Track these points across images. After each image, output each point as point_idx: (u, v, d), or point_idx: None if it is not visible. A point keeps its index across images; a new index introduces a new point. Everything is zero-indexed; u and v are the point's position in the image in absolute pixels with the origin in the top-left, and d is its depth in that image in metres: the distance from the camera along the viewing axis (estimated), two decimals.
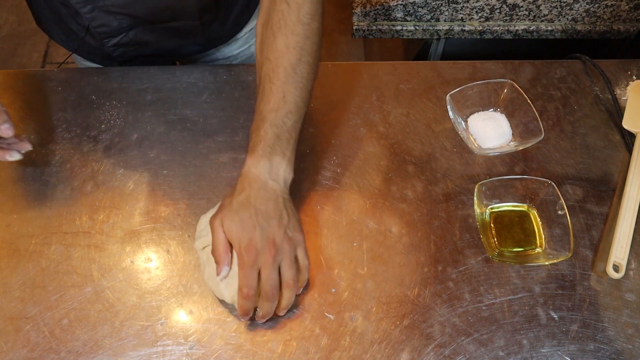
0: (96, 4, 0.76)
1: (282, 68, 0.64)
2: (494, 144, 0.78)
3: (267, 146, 0.63)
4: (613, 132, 0.81)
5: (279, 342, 0.63)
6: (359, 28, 1.05)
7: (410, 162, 0.77)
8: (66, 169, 0.75)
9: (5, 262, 0.67)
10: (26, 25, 2.24)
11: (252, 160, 0.63)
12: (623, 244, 0.68)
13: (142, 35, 0.85)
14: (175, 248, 0.69)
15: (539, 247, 0.70)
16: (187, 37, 0.88)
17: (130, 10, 0.78)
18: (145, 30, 0.84)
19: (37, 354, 0.61)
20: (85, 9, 0.77)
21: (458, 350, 0.63)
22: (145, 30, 0.84)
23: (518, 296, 0.66)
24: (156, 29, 0.84)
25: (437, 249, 0.69)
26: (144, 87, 0.83)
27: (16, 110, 0.81)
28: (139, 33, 0.84)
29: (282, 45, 0.65)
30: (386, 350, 0.62)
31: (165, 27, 0.84)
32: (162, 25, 0.84)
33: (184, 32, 0.87)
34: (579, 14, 1.04)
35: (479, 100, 0.81)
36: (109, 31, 0.82)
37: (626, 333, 0.64)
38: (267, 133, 0.63)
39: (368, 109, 0.82)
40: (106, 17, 0.79)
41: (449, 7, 1.02)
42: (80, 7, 0.76)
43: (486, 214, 0.72)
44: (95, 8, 0.77)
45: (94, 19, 0.79)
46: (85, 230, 0.70)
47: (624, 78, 0.87)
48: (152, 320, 0.64)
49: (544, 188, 0.71)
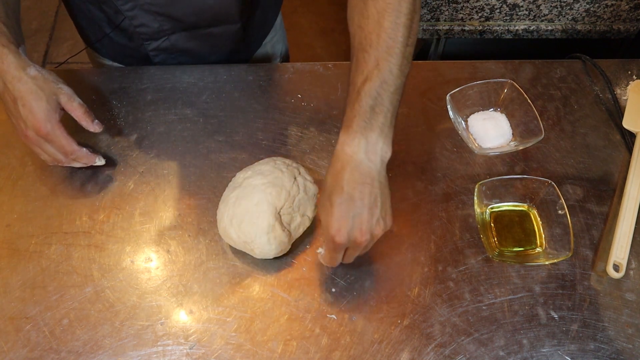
0: (137, 2, 0.77)
1: (374, 34, 0.59)
2: (494, 143, 0.78)
3: (362, 121, 0.57)
4: (613, 132, 0.81)
5: (279, 342, 0.63)
6: None
7: (410, 161, 0.77)
8: (66, 169, 0.75)
9: (6, 262, 0.67)
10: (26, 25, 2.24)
11: (346, 137, 0.58)
12: (623, 244, 0.68)
13: (184, 42, 0.85)
14: (175, 248, 0.69)
15: (539, 246, 0.70)
16: (229, 44, 0.88)
17: (170, 11, 0.79)
18: (187, 37, 0.85)
19: (37, 354, 0.61)
20: (126, 7, 0.78)
21: (458, 349, 0.63)
22: (187, 37, 0.85)
23: (518, 296, 0.66)
24: (197, 35, 0.85)
25: (437, 249, 0.69)
26: (144, 87, 0.83)
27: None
28: (181, 39, 0.85)
29: (372, 10, 0.59)
30: (386, 350, 0.62)
31: (207, 33, 0.85)
32: (203, 32, 0.84)
33: (225, 39, 0.87)
34: (579, 13, 1.04)
35: (479, 100, 0.81)
36: (149, 32, 0.83)
37: (626, 333, 0.64)
38: (362, 106, 0.57)
39: None
40: (146, 17, 0.80)
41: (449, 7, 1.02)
42: (121, 5, 0.77)
43: (486, 214, 0.72)
44: (137, 6, 0.78)
45: (135, 18, 0.80)
46: (86, 230, 0.70)
47: (624, 78, 0.87)
48: (152, 320, 0.64)
49: (544, 188, 0.71)
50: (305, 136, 0.79)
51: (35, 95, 0.65)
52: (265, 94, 0.84)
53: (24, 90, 0.64)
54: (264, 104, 0.82)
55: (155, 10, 0.78)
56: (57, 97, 0.67)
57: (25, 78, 0.64)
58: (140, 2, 0.77)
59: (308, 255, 0.68)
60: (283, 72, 0.86)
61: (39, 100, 0.65)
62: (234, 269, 0.67)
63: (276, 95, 0.82)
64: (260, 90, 0.84)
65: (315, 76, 0.86)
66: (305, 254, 0.69)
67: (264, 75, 0.86)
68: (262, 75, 0.86)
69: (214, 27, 0.84)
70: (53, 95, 0.66)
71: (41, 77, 0.66)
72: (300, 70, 0.86)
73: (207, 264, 0.68)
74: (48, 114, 0.65)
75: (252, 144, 0.78)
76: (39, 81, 0.65)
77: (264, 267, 0.68)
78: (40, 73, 0.66)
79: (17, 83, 0.64)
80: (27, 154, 0.76)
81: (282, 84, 0.85)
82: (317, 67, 0.87)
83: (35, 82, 0.65)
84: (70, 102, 0.68)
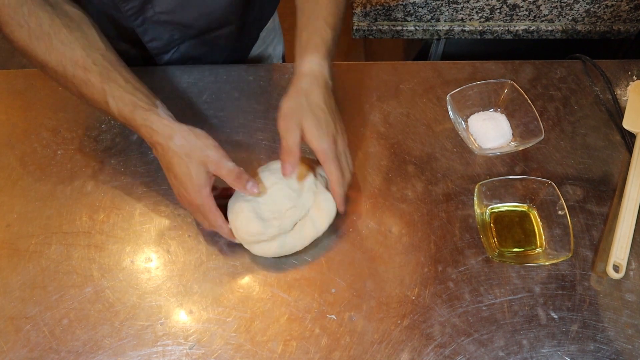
0: (146, 15, 0.77)
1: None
2: (494, 144, 0.78)
3: (328, 48, 0.67)
4: (613, 132, 0.81)
5: (279, 342, 0.63)
6: (359, 28, 1.05)
7: (411, 162, 0.77)
8: (67, 169, 0.75)
9: (6, 262, 0.67)
10: None
11: (317, 58, 0.66)
12: (623, 244, 0.68)
13: (193, 50, 0.86)
14: (175, 248, 0.69)
15: (539, 247, 0.70)
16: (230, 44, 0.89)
17: (180, 17, 0.79)
18: (196, 44, 0.86)
19: (37, 354, 0.61)
20: (137, 22, 0.78)
21: (458, 350, 0.63)
22: (196, 44, 0.86)
23: (518, 296, 0.66)
24: (204, 41, 0.86)
25: (437, 249, 0.69)
26: None
27: (16, 110, 0.81)
28: (190, 48, 0.86)
29: None
30: (386, 350, 0.62)
31: (214, 37, 0.86)
32: (210, 36, 0.85)
33: (226, 39, 0.88)
34: (579, 14, 1.04)
35: (479, 100, 0.81)
36: (160, 46, 0.84)
37: (626, 333, 0.64)
38: (329, 35, 0.67)
39: (368, 109, 0.82)
40: (157, 29, 0.81)
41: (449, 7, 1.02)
42: (132, 21, 0.78)
43: (486, 214, 0.72)
44: (146, 20, 0.78)
45: (146, 33, 0.81)
46: (86, 230, 0.70)
47: (624, 78, 0.87)
48: (152, 320, 0.64)
49: (544, 188, 0.71)
50: None
51: (184, 169, 0.62)
52: (265, 94, 0.84)
53: (174, 164, 0.63)
54: (264, 104, 0.82)
55: (165, 19, 0.79)
56: (206, 166, 0.63)
57: (173, 149, 0.62)
58: (149, 14, 0.77)
59: (308, 256, 0.68)
60: (283, 72, 0.86)
61: (187, 174, 0.62)
62: (234, 269, 0.67)
63: (276, 95, 0.82)
64: (260, 90, 0.84)
65: None
66: (305, 254, 0.69)
67: (264, 75, 0.86)
68: (262, 75, 0.86)
69: (220, 29, 0.85)
70: (201, 165, 0.62)
71: (188, 146, 0.62)
72: None
73: (207, 264, 0.68)
74: (198, 188, 0.63)
75: (252, 144, 0.78)
76: (186, 150, 0.62)
77: (264, 267, 0.68)
78: (187, 140, 0.63)
79: (167, 154, 0.63)
80: (27, 154, 0.76)
81: (282, 84, 0.85)
82: None
83: (182, 153, 0.62)
84: (219, 169, 0.63)
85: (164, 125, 0.63)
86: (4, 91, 0.83)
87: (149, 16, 0.78)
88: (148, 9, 0.77)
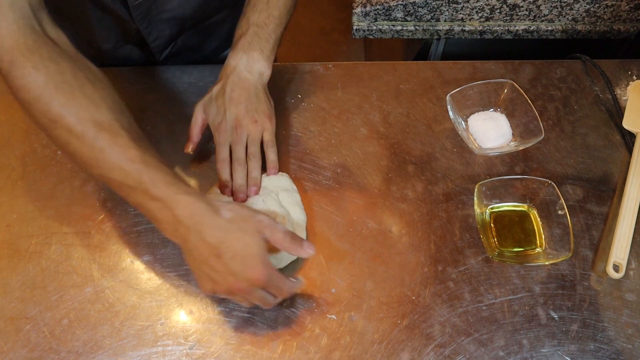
0: (150, 14, 0.77)
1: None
2: (494, 144, 0.78)
3: (246, 42, 0.71)
4: (613, 132, 0.81)
5: (279, 342, 0.63)
6: (359, 28, 1.05)
7: (411, 162, 0.77)
8: (66, 169, 0.75)
9: (5, 262, 0.67)
10: None
11: (231, 53, 0.71)
12: (623, 244, 0.68)
13: (188, 41, 0.87)
14: (176, 248, 0.69)
15: (539, 247, 0.70)
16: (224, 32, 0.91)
17: (180, 12, 0.80)
18: (192, 35, 0.86)
19: (37, 354, 0.61)
20: (143, 25, 0.78)
21: (458, 350, 0.63)
22: (192, 35, 0.86)
23: (518, 296, 0.66)
24: (199, 30, 0.86)
25: (437, 249, 0.69)
26: (144, 87, 0.83)
27: (16, 111, 0.81)
28: (187, 39, 0.87)
29: None
30: (386, 350, 0.62)
31: (206, 25, 0.87)
32: (204, 25, 0.86)
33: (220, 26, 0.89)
34: (579, 14, 1.04)
35: (479, 100, 0.81)
36: (162, 43, 0.84)
37: (626, 333, 0.64)
38: (248, 30, 0.71)
39: (368, 109, 0.82)
40: (159, 27, 0.81)
41: (449, 7, 1.02)
42: (140, 23, 0.78)
43: (486, 214, 0.72)
44: (151, 20, 0.79)
45: (150, 33, 0.81)
46: (85, 230, 0.70)
47: (624, 78, 0.87)
48: (152, 320, 0.64)
49: (544, 188, 0.71)
50: (305, 136, 0.79)
51: (243, 244, 0.55)
52: None
53: (231, 240, 0.55)
54: None
55: (167, 16, 0.79)
56: (262, 234, 0.56)
57: (224, 225, 0.55)
58: (153, 13, 0.77)
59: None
60: (283, 72, 0.86)
61: (248, 248, 0.55)
62: None
63: (276, 95, 0.82)
64: None
65: (315, 76, 0.86)
66: None
67: None
68: None
69: (215, 16, 0.86)
70: (257, 233, 0.56)
71: (238, 217, 0.56)
72: (300, 70, 0.86)
73: None
74: (263, 260, 0.56)
75: None
76: (239, 222, 0.56)
77: None
78: (234, 211, 0.56)
79: (218, 232, 0.55)
80: (27, 154, 0.76)
81: (282, 84, 0.85)
82: (317, 67, 0.87)
83: (236, 226, 0.55)
84: (275, 234, 0.57)
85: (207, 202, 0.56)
86: (4, 91, 0.83)
87: (153, 15, 0.78)
88: (153, 9, 0.77)
